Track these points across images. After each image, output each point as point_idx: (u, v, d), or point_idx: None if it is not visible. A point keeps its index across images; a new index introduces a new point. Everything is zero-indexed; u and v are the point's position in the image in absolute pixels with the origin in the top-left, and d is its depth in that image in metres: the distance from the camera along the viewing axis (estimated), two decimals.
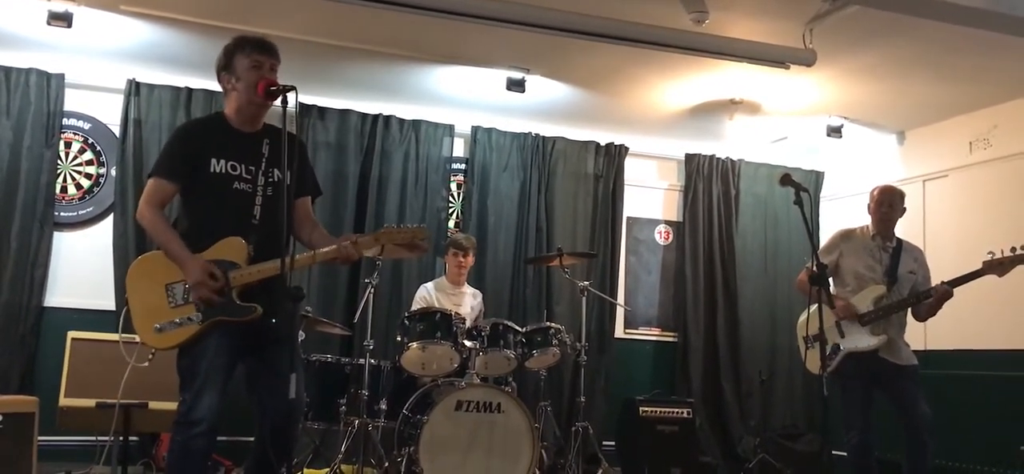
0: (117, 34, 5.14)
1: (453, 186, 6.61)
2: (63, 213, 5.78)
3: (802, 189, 3.41)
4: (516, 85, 5.55)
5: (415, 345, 4.57)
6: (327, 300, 5.99)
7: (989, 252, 4.01)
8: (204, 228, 2.94)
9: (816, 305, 3.49)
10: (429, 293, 5.43)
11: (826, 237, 4.56)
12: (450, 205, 6.59)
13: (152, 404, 4.57)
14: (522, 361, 4.84)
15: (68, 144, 5.84)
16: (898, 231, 4.33)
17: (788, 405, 6.92)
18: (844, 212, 6.57)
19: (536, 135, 6.68)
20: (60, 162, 5.78)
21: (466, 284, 5.56)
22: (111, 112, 5.86)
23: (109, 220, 5.80)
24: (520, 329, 4.88)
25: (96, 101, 5.89)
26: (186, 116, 5.77)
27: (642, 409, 5.82)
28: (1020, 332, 5.41)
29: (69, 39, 5.14)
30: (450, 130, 6.51)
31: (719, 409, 6.79)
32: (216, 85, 3.10)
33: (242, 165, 2.98)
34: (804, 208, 3.37)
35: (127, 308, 2.92)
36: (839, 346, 4.13)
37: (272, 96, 2.93)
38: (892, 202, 4.25)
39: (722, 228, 7.05)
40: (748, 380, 6.82)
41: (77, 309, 5.59)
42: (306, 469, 4.99)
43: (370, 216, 6.19)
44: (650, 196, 7.17)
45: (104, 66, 5.72)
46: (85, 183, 5.88)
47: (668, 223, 7.19)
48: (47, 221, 5.63)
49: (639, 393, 6.18)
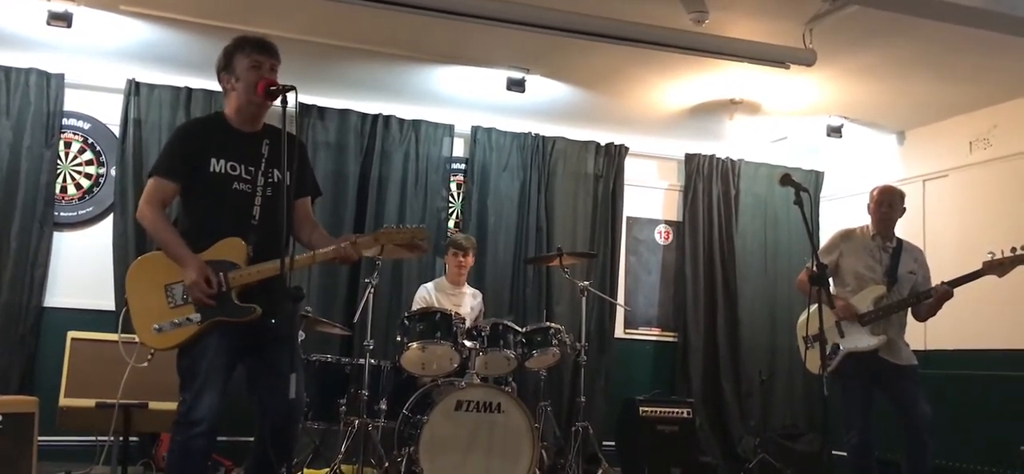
0: (117, 34, 5.14)
1: (453, 186, 6.61)
2: (63, 213, 5.78)
3: (802, 189, 3.41)
4: (516, 85, 5.55)
5: (415, 345, 4.57)
6: (327, 300, 5.99)
7: (989, 252, 4.01)
8: (204, 228, 2.94)
9: (816, 305, 3.48)
10: (429, 293, 5.43)
11: (826, 237, 4.56)
12: (450, 205, 6.59)
13: (152, 404, 4.58)
14: (522, 361, 4.84)
15: (68, 144, 5.83)
16: (898, 231, 4.33)
17: (788, 405, 6.92)
18: (844, 212, 6.56)
19: (536, 135, 6.67)
20: (60, 162, 5.78)
21: (466, 284, 5.56)
22: (111, 112, 5.86)
23: (109, 220, 5.80)
24: (520, 329, 4.88)
25: (96, 101, 5.89)
26: (186, 116, 5.77)
27: (642, 409, 5.82)
28: (1020, 332, 5.41)
29: (69, 39, 5.14)
30: (450, 130, 6.51)
31: (719, 409, 6.79)
32: (216, 85, 3.09)
33: (242, 165, 2.98)
34: (804, 208, 3.37)
35: (126, 308, 2.92)
36: (839, 346, 4.13)
37: (272, 96, 2.93)
38: (892, 202, 4.25)
39: (722, 228, 7.04)
40: (748, 380, 6.82)
41: (77, 309, 5.59)
42: (306, 469, 4.99)
43: (370, 216, 6.19)
44: (650, 196, 7.17)
45: (104, 66, 5.72)
46: (85, 183, 5.88)
47: (668, 223, 7.19)
48: (47, 221, 5.63)
49: (639, 393, 6.18)
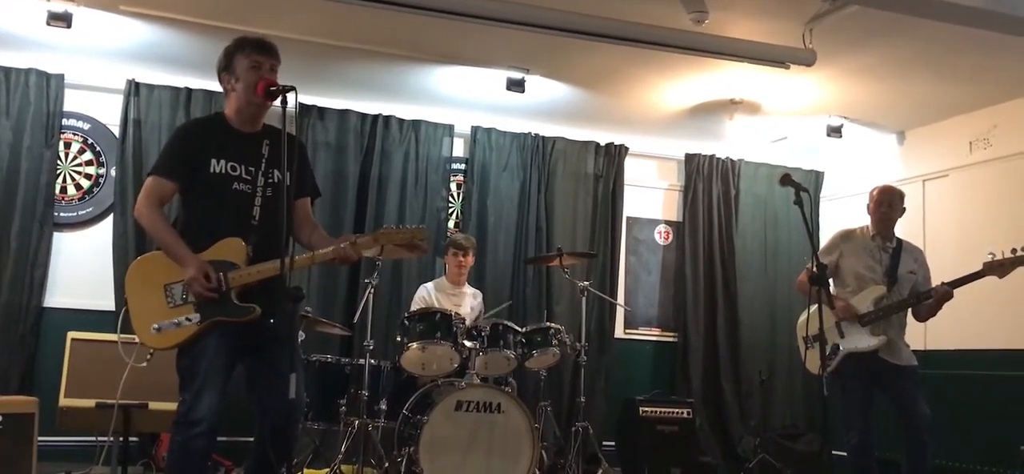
0: (117, 34, 5.14)
1: (453, 186, 6.60)
2: (63, 213, 5.78)
3: (802, 189, 3.41)
4: (516, 85, 5.55)
5: (415, 345, 4.57)
6: (327, 300, 5.99)
7: (990, 253, 4.01)
8: (203, 228, 2.94)
9: (816, 305, 3.48)
10: (429, 293, 5.43)
11: (826, 237, 4.56)
12: (450, 205, 6.59)
13: (152, 404, 4.58)
14: (522, 361, 4.84)
15: (68, 144, 5.83)
16: (898, 231, 4.33)
17: (788, 405, 6.92)
18: (844, 212, 6.56)
19: (536, 135, 6.67)
20: (60, 162, 5.78)
21: (466, 284, 5.56)
22: (111, 112, 5.86)
23: (109, 220, 5.80)
24: (520, 329, 4.88)
25: (96, 101, 5.89)
26: (186, 116, 5.77)
27: (642, 409, 5.83)
28: (1020, 332, 5.41)
29: (69, 39, 5.13)
30: (450, 130, 6.51)
31: (719, 409, 6.79)
32: (216, 85, 3.10)
33: (242, 166, 2.98)
34: (804, 208, 3.37)
35: (126, 308, 2.93)
36: (839, 346, 4.13)
37: (271, 96, 2.93)
38: (891, 202, 4.25)
39: (722, 228, 7.04)
40: (748, 380, 6.82)
41: (77, 309, 5.59)
42: (306, 469, 4.99)
43: (370, 216, 6.18)
44: (650, 196, 7.16)
45: (104, 66, 5.71)
46: (85, 183, 5.88)
47: (668, 223, 7.19)
48: (47, 221, 5.63)
49: (639, 393, 6.18)
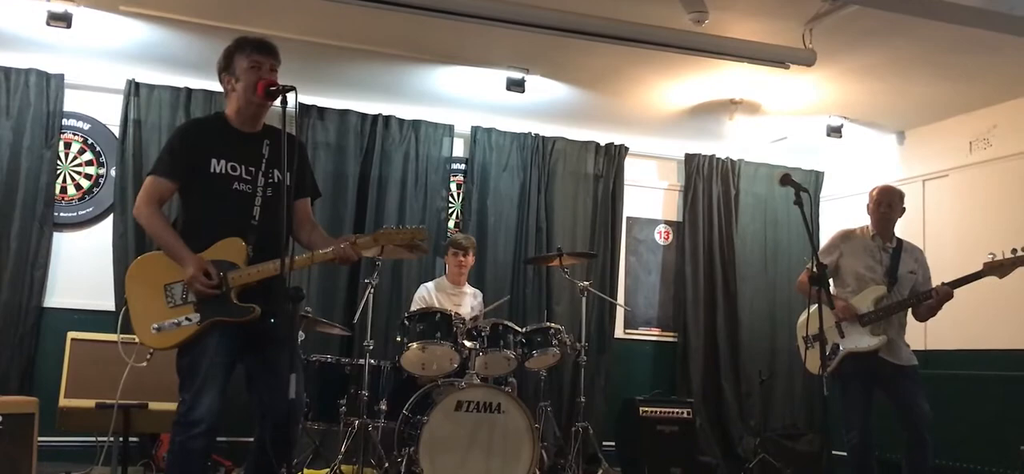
0: (116, 34, 5.14)
1: (453, 186, 6.60)
2: (63, 213, 5.77)
3: (802, 189, 3.41)
4: (516, 85, 5.55)
5: (415, 345, 4.57)
6: (327, 301, 5.99)
7: (990, 254, 4.01)
8: (203, 228, 2.94)
9: (816, 305, 3.48)
10: (429, 293, 5.43)
11: (826, 237, 4.56)
12: (450, 205, 6.59)
13: (152, 405, 4.58)
14: (522, 361, 4.84)
15: (68, 144, 5.83)
16: (898, 231, 4.33)
17: (788, 405, 6.92)
18: (844, 212, 6.56)
19: (536, 135, 6.67)
20: (60, 162, 5.78)
21: (466, 284, 5.56)
22: (111, 112, 5.86)
23: (109, 221, 5.80)
24: (520, 329, 4.88)
25: (96, 101, 5.89)
26: (186, 116, 5.77)
27: (642, 409, 5.83)
28: (1020, 332, 5.40)
29: (69, 39, 5.13)
30: (450, 130, 6.50)
31: (719, 409, 6.79)
32: (216, 85, 3.10)
33: (242, 166, 2.98)
34: (804, 208, 3.37)
35: (126, 308, 2.93)
36: (839, 346, 4.13)
37: (271, 96, 2.93)
38: (891, 202, 4.25)
39: (722, 228, 7.04)
40: (748, 380, 6.82)
41: (77, 310, 5.59)
42: (306, 469, 4.99)
43: (370, 216, 6.18)
44: (650, 196, 7.16)
45: (103, 66, 5.71)
46: (85, 183, 5.88)
47: (668, 223, 7.18)
48: (47, 221, 5.63)
49: (639, 393, 6.19)
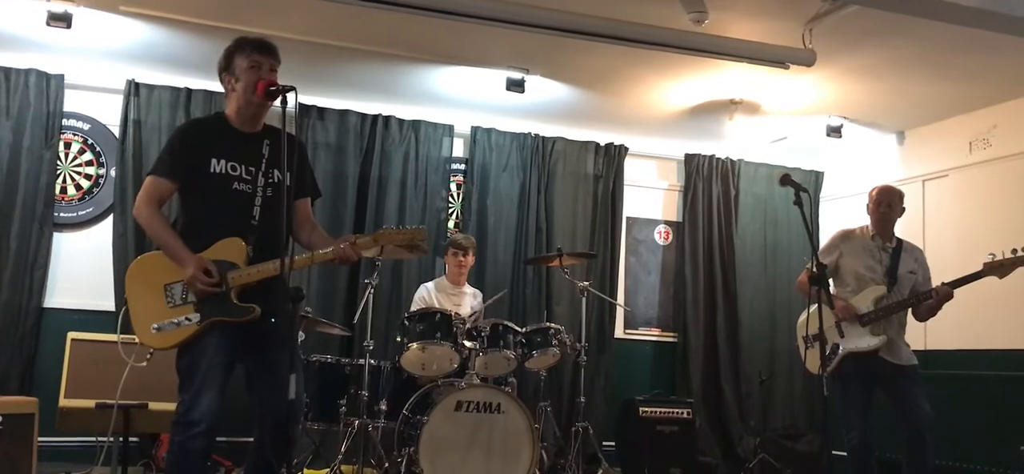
0: (116, 35, 5.14)
1: (453, 186, 6.60)
2: (63, 214, 5.77)
3: (802, 189, 3.42)
4: (516, 85, 5.55)
5: (415, 345, 4.57)
6: (327, 301, 5.99)
7: (990, 254, 4.00)
8: (203, 228, 2.94)
9: (816, 305, 3.48)
10: (429, 293, 5.43)
11: (826, 237, 4.56)
12: (450, 205, 6.59)
13: (152, 405, 4.58)
14: (522, 361, 4.84)
15: (68, 145, 5.83)
16: (898, 231, 4.33)
17: (788, 405, 6.92)
18: (844, 212, 6.56)
19: (536, 135, 6.67)
20: (60, 163, 5.78)
21: (466, 284, 5.56)
22: (111, 113, 5.86)
23: (108, 221, 5.80)
24: (520, 329, 4.88)
25: (95, 102, 5.89)
26: (185, 117, 5.77)
27: (642, 409, 5.83)
28: (1020, 332, 5.40)
29: (68, 40, 5.13)
30: (450, 130, 6.50)
31: (719, 409, 6.79)
32: (216, 85, 3.10)
33: (242, 166, 2.98)
34: (804, 208, 3.37)
35: (126, 308, 2.93)
36: (839, 346, 4.13)
37: (271, 96, 2.93)
38: (891, 202, 4.25)
39: (722, 228, 7.04)
40: (748, 380, 6.81)
41: (77, 310, 5.59)
42: (306, 469, 5.00)
43: (370, 216, 6.18)
44: (650, 196, 7.16)
45: (103, 67, 5.71)
46: (85, 184, 5.88)
47: (668, 223, 7.18)
48: (46, 222, 5.63)
49: (639, 393, 6.19)
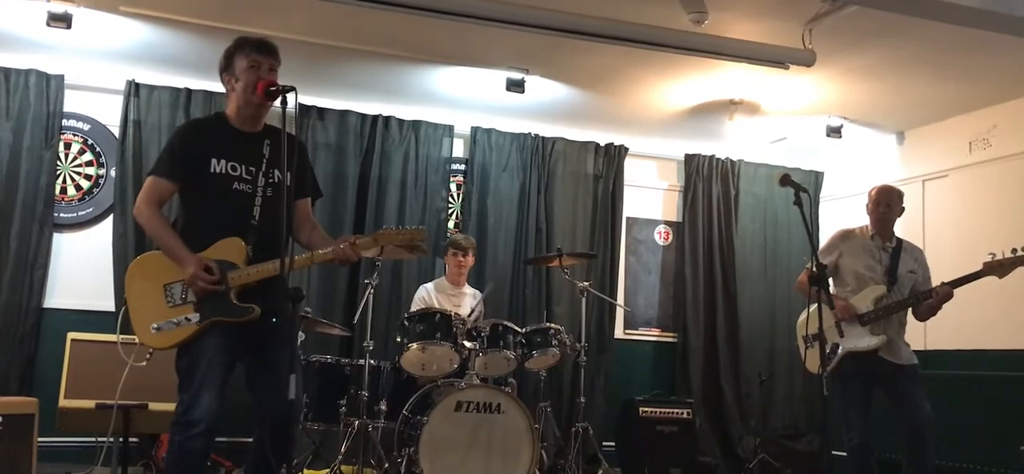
0: (116, 35, 5.14)
1: (453, 187, 6.60)
2: (62, 214, 5.77)
3: (802, 189, 3.42)
4: (516, 85, 5.55)
5: (415, 346, 4.57)
6: (327, 301, 5.99)
7: (990, 253, 4.00)
8: (203, 228, 2.94)
9: (816, 305, 3.48)
10: (429, 294, 5.43)
11: (826, 237, 4.56)
12: (450, 206, 6.59)
13: (152, 405, 4.58)
14: (522, 362, 4.84)
15: (68, 145, 5.83)
16: (898, 231, 4.33)
17: (788, 405, 6.92)
18: (844, 212, 6.56)
19: (536, 135, 6.67)
20: (59, 163, 5.78)
21: (466, 285, 5.56)
22: (111, 113, 5.86)
23: (108, 221, 5.80)
24: (520, 330, 4.88)
25: (95, 102, 5.89)
26: (186, 117, 5.77)
27: (642, 409, 5.83)
28: (1020, 332, 5.40)
29: (68, 40, 5.13)
30: (450, 131, 6.50)
31: (719, 409, 6.78)
32: (216, 86, 3.11)
33: (242, 166, 2.98)
34: (804, 208, 3.37)
35: (125, 308, 2.93)
36: (839, 346, 4.12)
37: (271, 96, 2.93)
38: (890, 202, 4.25)
39: (722, 228, 7.04)
40: (748, 380, 6.81)
41: (77, 310, 5.59)
42: (306, 470, 5.00)
43: (370, 217, 6.18)
44: (650, 196, 7.16)
45: (103, 67, 5.72)
46: (85, 184, 5.88)
47: (668, 223, 7.19)
48: (46, 222, 5.63)
49: (639, 393, 6.19)
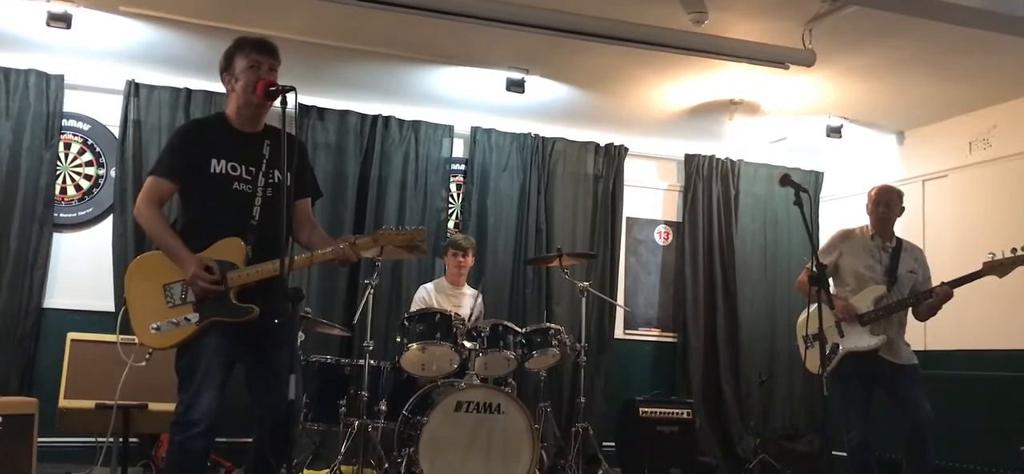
0: (116, 35, 5.14)
1: (453, 187, 6.60)
2: (62, 214, 5.77)
3: (802, 189, 3.42)
4: (515, 85, 5.55)
5: (415, 346, 4.57)
6: (326, 301, 5.99)
7: (990, 253, 4.01)
8: (203, 228, 2.94)
9: (816, 305, 3.48)
10: (428, 294, 5.43)
11: (826, 237, 4.56)
12: (450, 206, 6.59)
13: (151, 405, 4.58)
14: (522, 362, 4.84)
15: (67, 145, 5.83)
16: (897, 231, 4.33)
17: (788, 405, 6.92)
18: (844, 212, 6.56)
19: (536, 136, 6.67)
20: (59, 163, 5.78)
21: (466, 285, 5.56)
22: (110, 113, 5.86)
23: (108, 221, 5.80)
24: (520, 330, 4.88)
25: (95, 102, 5.89)
26: (185, 117, 5.76)
27: (642, 409, 5.83)
28: (1020, 332, 5.40)
29: (68, 40, 5.13)
30: (450, 131, 6.50)
31: (719, 409, 6.78)
32: (216, 86, 3.11)
33: (242, 166, 2.98)
34: (804, 208, 3.37)
35: (125, 308, 2.93)
36: (839, 346, 4.13)
37: (271, 96, 2.93)
38: (889, 202, 4.25)
39: (722, 229, 7.04)
40: (748, 380, 6.81)
41: (76, 310, 5.59)
42: (306, 470, 5.00)
43: (370, 217, 6.18)
44: (650, 196, 7.16)
45: (103, 67, 5.71)
46: (84, 184, 5.87)
47: (668, 223, 7.18)
48: (46, 222, 5.63)
49: (639, 393, 6.19)
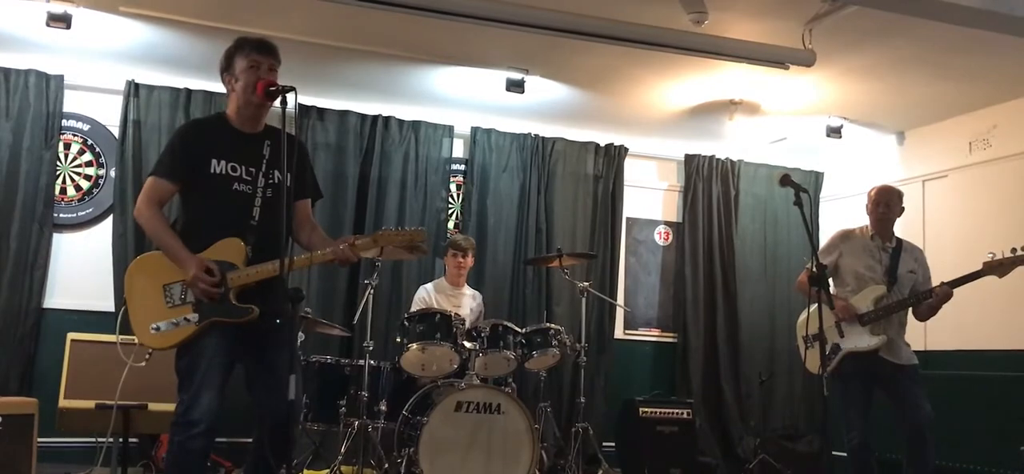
0: (116, 35, 5.14)
1: (453, 187, 6.60)
2: (62, 214, 5.77)
3: (802, 190, 3.42)
4: (515, 86, 5.55)
5: (415, 346, 4.57)
6: (326, 301, 5.99)
7: (990, 253, 4.01)
8: (203, 228, 2.94)
9: (816, 305, 3.48)
10: (428, 294, 5.43)
11: (826, 238, 4.56)
12: (450, 206, 6.59)
13: (151, 405, 4.58)
14: (522, 362, 4.84)
15: (67, 145, 5.83)
16: (898, 231, 4.33)
17: (788, 405, 6.92)
18: (844, 212, 6.56)
19: (536, 136, 6.67)
20: (59, 163, 5.78)
21: (466, 285, 5.56)
22: (110, 113, 5.86)
23: (108, 221, 5.80)
24: (520, 330, 4.88)
25: (95, 102, 5.89)
26: (185, 117, 5.75)
27: (642, 410, 5.83)
28: (1020, 332, 5.40)
29: (68, 40, 5.13)
30: (450, 131, 6.50)
31: (719, 409, 6.78)
32: (216, 86, 3.11)
33: (242, 166, 2.98)
34: (804, 209, 3.37)
35: (125, 308, 2.93)
36: (839, 346, 4.13)
37: (271, 96, 2.93)
38: (889, 202, 4.25)
39: (722, 229, 7.04)
40: (748, 381, 6.81)
41: (76, 311, 5.59)
42: (306, 470, 5.00)
43: (369, 217, 6.18)
44: (650, 197, 7.16)
45: (103, 67, 5.71)
46: (84, 184, 5.87)
47: (668, 224, 7.18)
48: (46, 222, 5.63)
49: (639, 394, 6.19)
